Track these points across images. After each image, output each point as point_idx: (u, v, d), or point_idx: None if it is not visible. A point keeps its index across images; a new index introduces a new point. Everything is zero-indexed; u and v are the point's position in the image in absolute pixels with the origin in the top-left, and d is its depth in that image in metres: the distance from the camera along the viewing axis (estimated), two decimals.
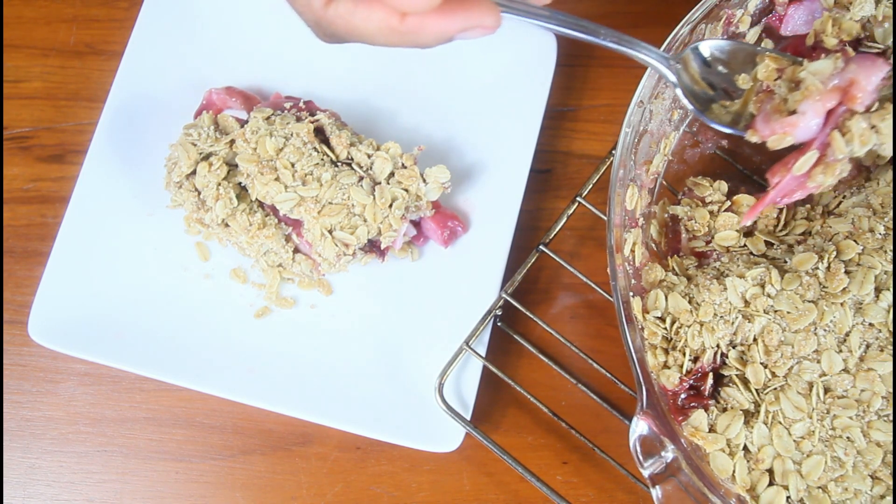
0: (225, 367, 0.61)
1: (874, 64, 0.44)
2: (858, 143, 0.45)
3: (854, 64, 0.45)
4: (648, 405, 0.47)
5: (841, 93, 0.45)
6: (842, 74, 0.45)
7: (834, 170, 0.47)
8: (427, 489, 0.62)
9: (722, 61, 0.51)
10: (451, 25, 0.39)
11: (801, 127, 0.46)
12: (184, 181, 0.62)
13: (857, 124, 0.44)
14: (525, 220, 0.65)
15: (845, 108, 0.45)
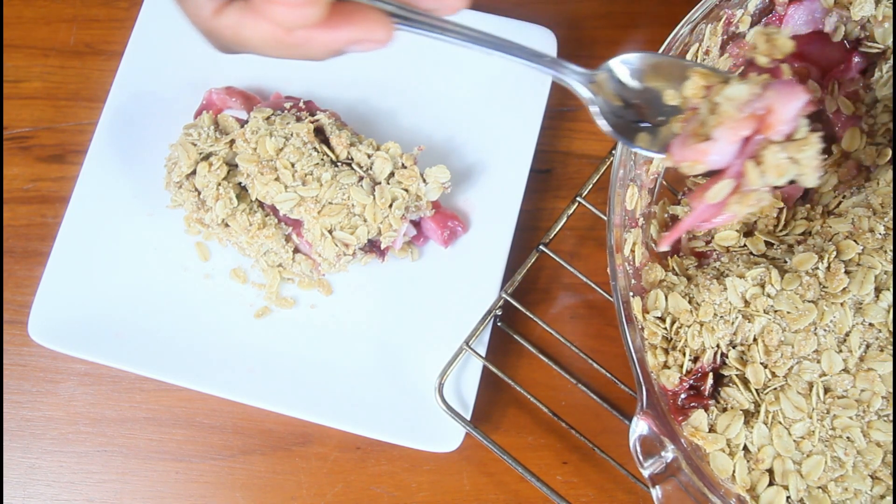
0: (225, 367, 0.61)
1: (793, 92, 0.41)
2: (774, 174, 0.42)
3: (772, 91, 0.42)
4: (648, 405, 0.47)
5: (757, 121, 0.42)
6: (759, 101, 0.41)
7: (749, 200, 0.43)
8: (427, 489, 0.62)
9: (652, 75, 0.48)
10: (337, 38, 0.39)
11: (713, 154, 0.43)
12: (184, 181, 0.62)
13: (772, 154, 0.41)
14: (525, 220, 0.65)
15: (762, 137, 0.42)
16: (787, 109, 0.41)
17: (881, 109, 0.57)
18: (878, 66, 0.57)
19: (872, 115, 0.58)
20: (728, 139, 0.42)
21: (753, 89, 0.42)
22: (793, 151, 0.42)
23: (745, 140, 0.42)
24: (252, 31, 0.38)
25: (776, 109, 0.41)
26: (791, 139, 0.42)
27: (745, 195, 0.43)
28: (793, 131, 0.42)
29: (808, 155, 0.42)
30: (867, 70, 0.59)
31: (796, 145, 0.42)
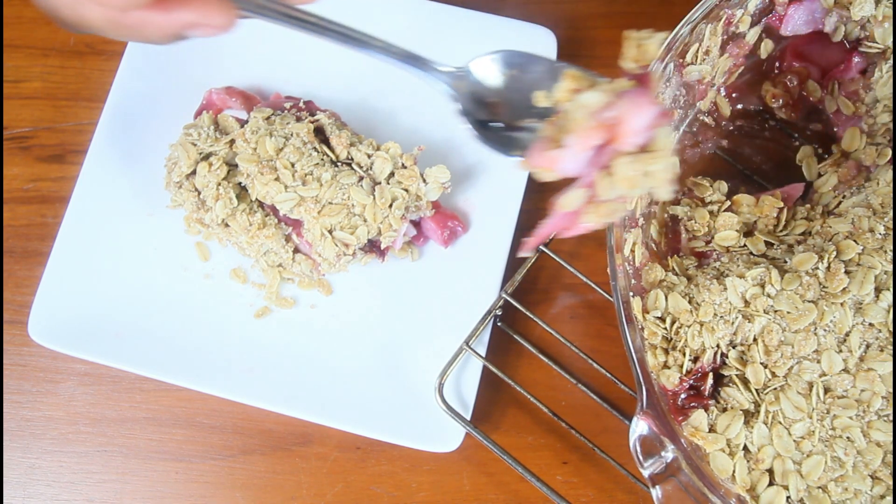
0: (225, 367, 0.61)
1: (643, 103, 0.40)
2: (624, 185, 0.40)
3: (624, 101, 0.40)
4: (648, 405, 0.47)
5: (607, 130, 0.40)
6: (610, 110, 0.40)
7: (602, 210, 0.42)
8: (427, 489, 0.62)
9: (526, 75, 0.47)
10: (173, 21, 0.38)
11: (563, 162, 0.41)
12: (184, 181, 0.62)
13: (622, 166, 0.40)
14: (525, 220, 0.65)
15: (613, 147, 0.41)
16: (637, 120, 0.40)
17: (881, 109, 0.57)
18: (878, 66, 0.57)
19: (872, 115, 0.58)
20: (578, 147, 0.41)
21: (604, 98, 0.40)
22: (643, 164, 0.40)
23: (598, 149, 0.41)
24: (89, 11, 0.38)
25: (626, 120, 0.40)
26: (645, 151, 0.40)
27: (599, 205, 0.42)
28: (647, 143, 0.41)
29: (659, 168, 0.40)
30: (867, 70, 0.59)
31: (647, 158, 0.40)
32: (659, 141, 0.41)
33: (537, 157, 0.42)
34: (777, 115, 0.63)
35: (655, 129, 0.40)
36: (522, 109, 0.46)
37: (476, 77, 0.47)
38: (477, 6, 0.67)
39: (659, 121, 0.40)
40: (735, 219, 0.56)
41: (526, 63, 0.46)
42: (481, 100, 0.46)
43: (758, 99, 0.64)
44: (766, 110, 0.64)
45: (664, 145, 0.40)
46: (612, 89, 0.41)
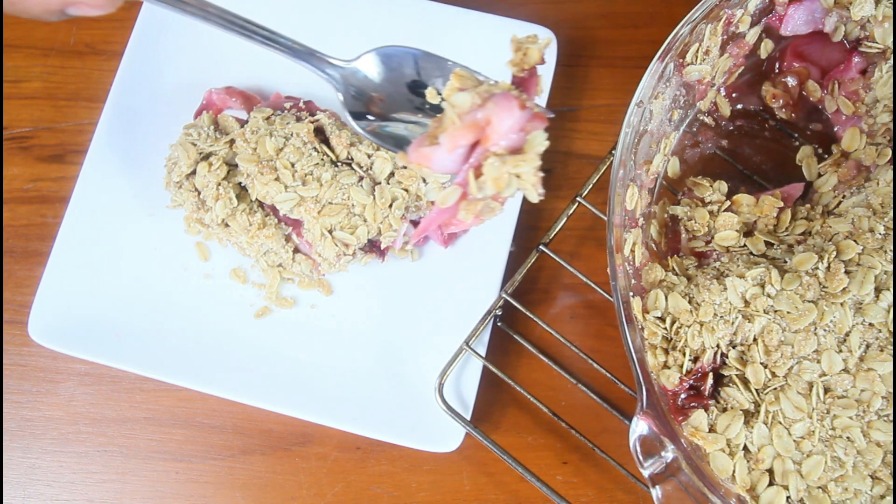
0: (225, 367, 0.61)
1: (511, 106, 0.41)
2: (492, 186, 0.41)
3: (492, 103, 0.41)
4: (648, 405, 0.47)
5: (477, 130, 0.41)
6: (480, 111, 0.41)
7: (475, 208, 0.43)
8: (427, 489, 0.62)
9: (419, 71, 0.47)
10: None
11: (436, 160, 0.42)
12: (184, 181, 0.62)
13: (491, 166, 0.41)
14: (525, 220, 0.65)
15: (484, 148, 0.41)
16: (504, 123, 0.41)
17: (881, 109, 0.57)
18: (878, 66, 0.57)
19: (872, 115, 0.58)
20: (450, 146, 0.41)
21: (475, 99, 0.41)
22: (511, 166, 0.41)
23: (470, 149, 0.42)
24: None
25: (493, 122, 0.41)
26: (516, 153, 0.41)
27: (472, 204, 0.43)
28: (518, 145, 0.41)
29: (526, 171, 0.41)
30: (867, 70, 0.59)
31: (514, 160, 0.41)
32: (531, 144, 0.41)
33: (413, 153, 0.43)
34: (777, 115, 0.63)
35: (528, 133, 0.41)
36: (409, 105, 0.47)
37: (363, 72, 0.48)
38: (477, 6, 0.67)
39: (532, 124, 0.41)
40: (735, 219, 0.56)
41: (419, 60, 0.47)
42: (369, 93, 0.47)
43: (758, 99, 0.64)
44: (766, 110, 0.64)
45: (535, 148, 0.41)
46: (486, 90, 0.41)
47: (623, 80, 0.70)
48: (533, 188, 0.41)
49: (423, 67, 0.48)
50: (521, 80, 0.44)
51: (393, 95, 0.49)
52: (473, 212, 0.43)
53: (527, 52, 0.43)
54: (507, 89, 0.42)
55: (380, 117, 0.48)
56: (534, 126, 0.42)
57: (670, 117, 0.59)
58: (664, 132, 0.58)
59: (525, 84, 0.44)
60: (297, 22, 0.68)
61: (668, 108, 0.57)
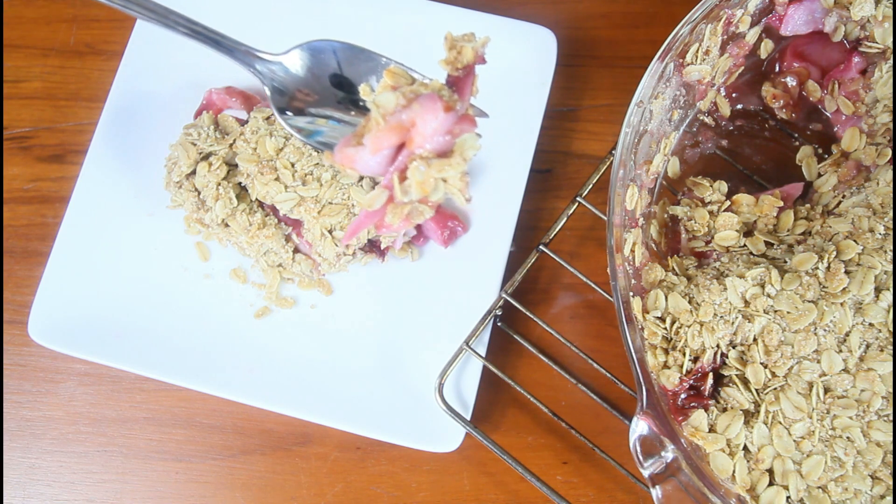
0: (225, 367, 0.61)
1: (435, 108, 0.39)
2: (417, 190, 0.40)
3: (417, 104, 0.39)
4: (648, 405, 0.47)
5: (402, 132, 0.40)
6: (405, 113, 0.39)
7: (402, 212, 0.41)
8: (427, 489, 0.62)
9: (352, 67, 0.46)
10: None
11: (360, 161, 0.41)
12: (184, 181, 0.62)
13: (415, 170, 0.39)
14: (525, 220, 0.65)
15: (410, 151, 0.40)
16: (428, 125, 0.39)
17: (881, 109, 0.57)
18: (878, 66, 0.57)
19: (872, 115, 0.58)
20: (373, 148, 0.40)
21: (399, 99, 0.40)
22: (436, 170, 0.39)
23: (396, 151, 0.40)
24: None
25: (418, 124, 0.39)
26: (443, 156, 0.40)
27: (398, 207, 0.41)
28: (446, 149, 0.40)
29: (451, 175, 0.39)
30: (867, 70, 0.59)
31: (439, 164, 0.39)
32: (460, 147, 0.40)
33: (338, 154, 0.41)
34: (777, 115, 0.63)
35: (456, 136, 0.40)
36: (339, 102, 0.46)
37: (290, 68, 0.46)
38: (477, 6, 0.67)
39: (461, 127, 0.40)
40: (735, 219, 0.56)
41: (350, 56, 0.46)
42: (296, 89, 0.46)
43: (758, 99, 0.64)
44: (766, 110, 0.64)
45: (463, 152, 0.40)
46: (414, 91, 0.40)
47: (623, 80, 0.70)
48: (460, 193, 0.40)
49: (353, 63, 0.47)
50: (455, 79, 0.42)
51: (322, 92, 0.47)
52: (400, 215, 0.41)
53: (461, 50, 0.42)
54: (438, 89, 0.40)
55: (309, 114, 0.47)
56: (463, 129, 0.40)
57: (670, 117, 0.59)
58: (664, 132, 0.58)
59: (459, 84, 0.42)
60: (296, 22, 0.68)
61: (668, 108, 0.57)
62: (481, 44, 0.42)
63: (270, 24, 0.68)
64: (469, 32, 0.42)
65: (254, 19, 0.69)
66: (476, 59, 0.42)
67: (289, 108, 0.46)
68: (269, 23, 0.68)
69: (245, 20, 0.69)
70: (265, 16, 0.69)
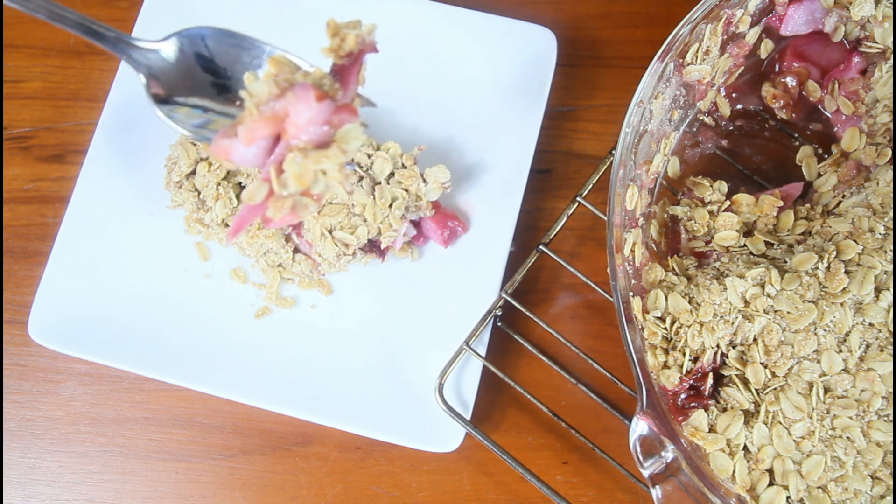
0: (225, 367, 0.61)
1: (307, 97, 0.37)
2: (295, 182, 0.38)
3: (291, 93, 0.38)
4: (648, 405, 0.47)
5: (276, 123, 0.38)
6: (278, 102, 0.38)
7: (284, 205, 0.39)
8: (427, 489, 0.62)
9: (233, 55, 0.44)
10: None
11: (236, 153, 0.39)
12: (184, 181, 0.62)
13: (291, 161, 0.38)
14: (525, 220, 0.65)
15: (286, 142, 0.38)
16: (301, 115, 0.37)
17: (881, 109, 0.57)
18: (878, 66, 0.57)
19: (872, 115, 0.58)
20: (246, 139, 0.38)
21: (272, 89, 0.38)
22: (313, 161, 0.38)
23: (273, 142, 0.39)
24: None
25: (291, 114, 0.38)
26: (322, 147, 0.38)
27: (280, 201, 0.39)
28: (325, 139, 0.38)
29: (329, 167, 0.38)
30: (867, 70, 0.59)
31: (317, 155, 0.38)
32: (342, 138, 0.38)
33: (215, 145, 0.39)
34: (777, 115, 0.63)
35: (336, 127, 0.38)
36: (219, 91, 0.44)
37: (167, 56, 0.44)
38: (477, 6, 0.67)
39: (340, 117, 0.38)
40: (735, 219, 0.56)
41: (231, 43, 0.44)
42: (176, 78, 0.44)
43: (758, 99, 0.64)
44: (766, 110, 0.64)
45: (344, 144, 0.38)
46: (289, 80, 0.38)
47: (623, 80, 0.70)
48: (340, 185, 0.38)
49: (233, 51, 0.45)
50: (340, 68, 0.40)
51: (201, 82, 0.45)
52: (283, 209, 0.39)
53: (344, 37, 0.40)
54: (318, 79, 0.39)
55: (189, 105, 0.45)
56: (343, 119, 0.39)
57: (670, 117, 0.59)
58: (664, 132, 0.58)
59: (344, 73, 0.40)
60: (296, 22, 0.68)
61: (668, 108, 0.57)
62: (367, 31, 0.40)
63: (270, 24, 0.68)
64: (355, 19, 0.41)
65: (254, 20, 0.69)
66: (362, 47, 0.40)
67: (167, 98, 0.45)
68: (270, 23, 0.69)
69: (245, 20, 0.69)
70: (265, 17, 0.69)
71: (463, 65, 0.67)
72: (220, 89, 0.46)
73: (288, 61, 0.40)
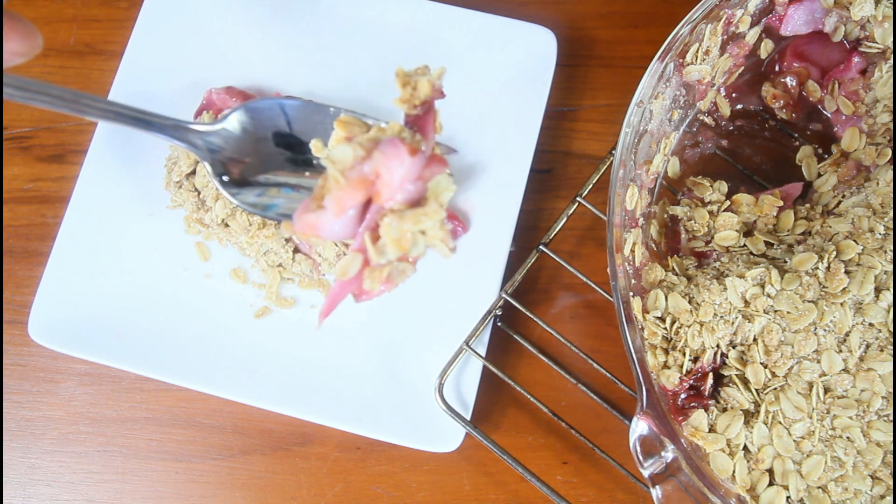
0: (225, 367, 0.61)
1: (399, 153, 0.35)
2: (394, 248, 0.35)
3: (378, 152, 0.35)
4: (648, 405, 0.47)
5: (367, 187, 0.35)
6: (367, 164, 0.35)
7: (381, 275, 0.36)
8: (427, 489, 0.62)
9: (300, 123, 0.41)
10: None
11: (325, 227, 0.36)
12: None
13: (388, 225, 0.35)
14: (525, 220, 0.65)
15: (378, 206, 0.36)
16: (395, 174, 0.35)
17: (881, 109, 0.57)
18: (878, 66, 0.57)
19: (872, 115, 0.58)
20: (336, 210, 0.35)
21: (357, 151, 0.35)
22: (412, 222, 0.35)
23: (364, 208, 0.36)
24: None
25: (383, 174, 0.35)
26: (417, 205, 0.35)
27: (376, 270, 0.36)
28: (419, 196, 0.35)
29: (430, 226, 0.35)
30: (867, 70, 0.59)
31: (415, 215, 0.35)
32: (434, 192, 0.36)
33: (299, 222, 0.36)
34: (777, 115, 0.63)
35: (427, 180, 0.36)
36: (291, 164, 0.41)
37: (233, 133, 0.41)
38: (477, 6, 0.67)
39: (431, 170, 0.36)
40: (735, 219, 0.56)
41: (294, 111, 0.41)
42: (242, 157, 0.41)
43: (758, 99, 0.64)
44: (766, 110, 0.64)
45: (438, 198, 0.36)
46: (371, 139, 0.35)
47: (623, 80, 0.70)
48: (443, 243, 0.36)
49: (301, 118, 0.42)
50: (415, 118, 0.38)
51: (269, 156, 0.42)
52: (380, 279, 0.36)
53: (416, 85, 0.37)
54: (398, 132, 0.36)
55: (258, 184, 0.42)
56: (433, 171, 0.36)
57: (670, 117, 0.59)
58: (664, 132, 0.58)
59: (420, 123, 0.38)
60: (294, 25, 0.68)
61: (668, 108, 0.57)
62: (437, 76, 0.38)
63: (271, 25, 0.68)
64: (423, 65, 0.38)
65: (252, 22, 0.69)
66: (434, 94, 0.38)
67: (236, 180, 0.42)
68: (270, 24, 0.69)
69: (250, 20, 0.69)
70: (265, 17, 0.69)
71: (463, 65, 0.67)
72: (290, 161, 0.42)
73: (357, 120, 0.37)
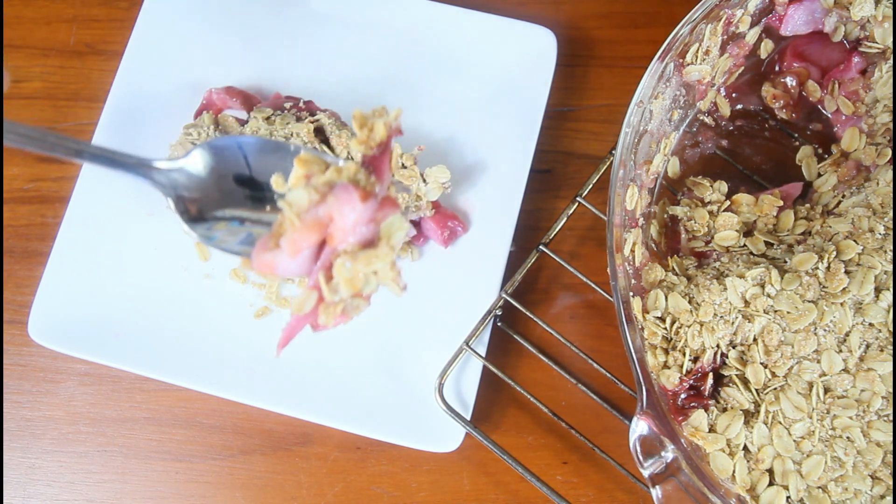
0: (225, 367, 0.61)
1: (351, 199, 0.36)
2: (346, 287, 0.37)
3: (332, 197, 0.36)
4: (648, 405, 0.47)
5: (320, 229, 0.37)
6: (321, 208, 0.36)
7: (335, 310, 0.38)
8: (427, 489, 0.62)
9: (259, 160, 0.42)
10: None
11: (281, 265, 0.37)
12: None
13: (341, 266, 0.37)
14: (525, 220, 0.65)
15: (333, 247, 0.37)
16: (347, 218, 0.36)
17: (881, 109, 0.57)
18: (878, 66, 0.57)
19: (872, 115, 0.58)
20: (292, 250, 0.37)
21: (312, 195, 0.36)
22: (363, 263, 0.36)
23: (318, 248, 0.37)
24: None
25: (335, 218, 0.36)
26: (369, 246, 0.37)
27: (330, 307, 0.38)
28: (371, 237, 0.37)
29: (381, 267, 0.37)
30: (867, 70, 0.59)
31: (367, 257, 0.36)
32: (386, 234, 0.37)
33: (256, 260, 0.38)
34: (777, 115, 0.63)
35: (380, 222, 0.37)
36: (253, 201, 0.42)
37: (193, 171, 0.42)
38: (477, 6, 0.67)
39: (383, 212, 0.37)
40: (735, 219, 0.56)
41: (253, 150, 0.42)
42: (204, 194, 0.42)
43: (758, 99, 0.64)
44: (766, 110, 0.64)
45: (390, 240, 0.37)
46: (327, 182, 0.37)
47: (623, 80, 0.70)
48: (394, 283, 0.37)
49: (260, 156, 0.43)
50: (371, 158, 0.39)
51: (230, 193, 0.43)
52: (334, 315, 0.38)
53: (373, 127, 0.38)
54: (353, 174, 0.37)
55: (221, 218, 0.43)
56: (386, 213, 0.37)
57: (670, 117, 0.59)
58: (664, 132, 0.58)
59: (377, 164, 0.39)
60: (295, 25, 0.68)
61: (668, 108, 0.57)
62: (394, 117, 0.39)
63: (270, 26, 0.69)
64: (380, 107, 0.39)
65: (253, 22, 0.69)
66: (391, 133, 0.39)
67: (196, 216, 0.43)
68: (270, 24, 0.69)
69: (249, 21, 0.69)
70: (265, 17, 0.69)
71: (463, 65, 0.67)
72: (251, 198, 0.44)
73: (316, 159, 0.38)
